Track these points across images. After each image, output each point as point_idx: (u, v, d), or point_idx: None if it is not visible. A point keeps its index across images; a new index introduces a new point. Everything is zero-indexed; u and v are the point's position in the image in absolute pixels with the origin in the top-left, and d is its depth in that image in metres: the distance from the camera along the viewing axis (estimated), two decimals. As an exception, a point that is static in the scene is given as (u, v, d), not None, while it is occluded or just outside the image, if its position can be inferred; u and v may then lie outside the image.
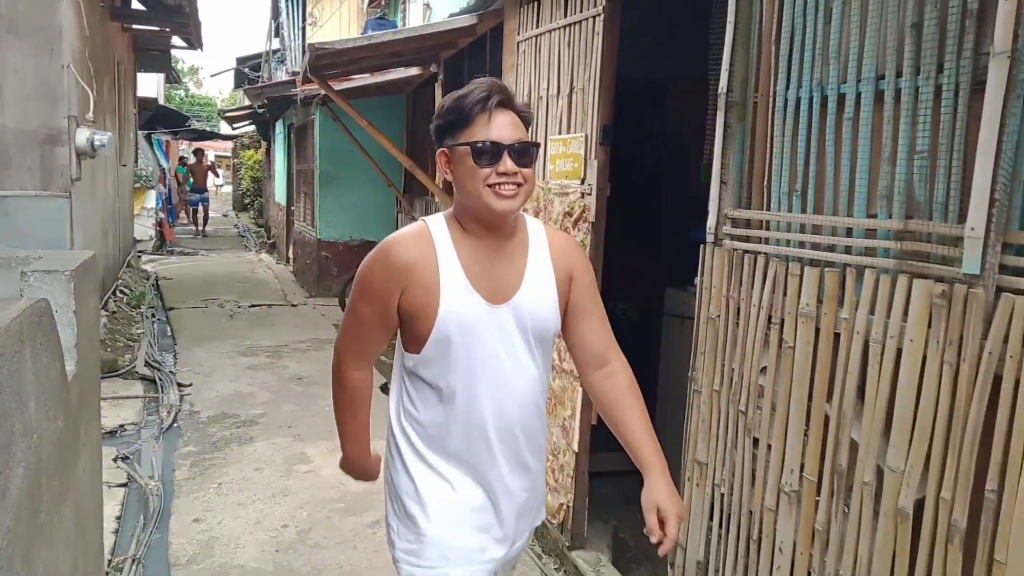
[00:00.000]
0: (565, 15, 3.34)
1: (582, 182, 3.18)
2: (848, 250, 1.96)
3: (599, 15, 3.04)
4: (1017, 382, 1.53)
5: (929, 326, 1.71)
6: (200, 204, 17.60)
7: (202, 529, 3.55)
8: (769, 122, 2.25)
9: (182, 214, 19.69)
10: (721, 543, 2.46)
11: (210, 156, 20.18)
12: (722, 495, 2.45)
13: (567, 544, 3.30)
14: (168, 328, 7.82)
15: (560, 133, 3.40)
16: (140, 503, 3.81)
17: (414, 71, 6.37)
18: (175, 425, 4.97)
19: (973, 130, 1.64)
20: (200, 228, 17.38)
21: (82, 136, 5.20)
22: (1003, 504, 1.55)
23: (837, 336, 1.98)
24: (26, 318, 1.46)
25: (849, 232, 1.96)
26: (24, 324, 1.44)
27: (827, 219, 2.02)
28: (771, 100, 2.23)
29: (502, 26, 4.22)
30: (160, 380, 5.80)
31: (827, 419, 2.02)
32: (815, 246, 2.07)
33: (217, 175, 20.73)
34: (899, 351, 1.79)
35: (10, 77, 4.99)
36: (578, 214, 3.21)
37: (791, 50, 2.15)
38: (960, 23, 1.67)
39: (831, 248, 2.01)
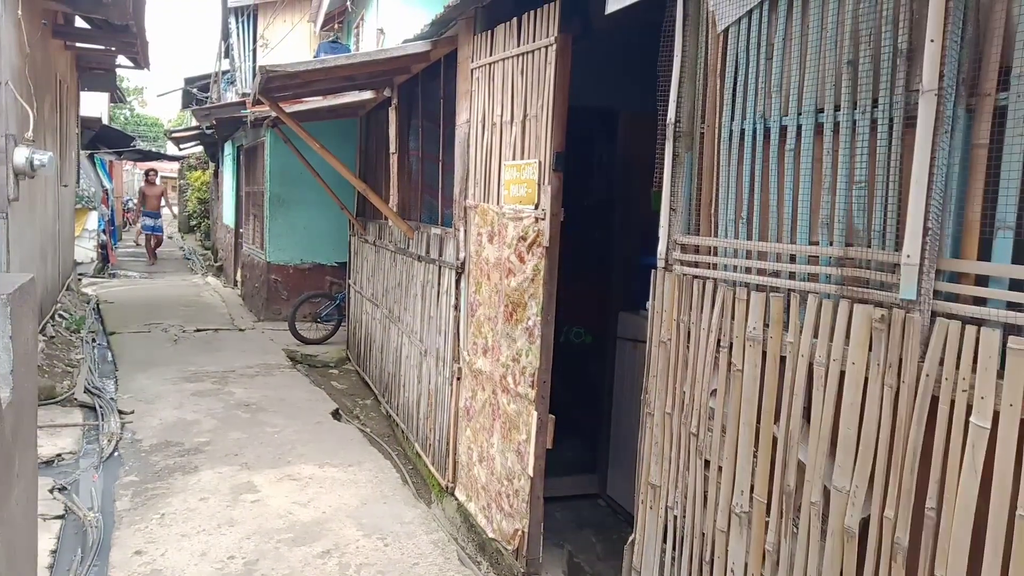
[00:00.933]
0: (518, 44, 3.39)
1: (536, 207, 3.21)
2: (792, 276, 2.02)
3: (551, 45, 3.10)
4: (952, 403, 1.59)
5: (870, 349, 1.78)
6: (153, 232, 16.34)
7: (144, 562, 3.42)
8: (716, 152, 2.32)
9: (125, 237, 19.08)
10: (675, 565, 2.48)
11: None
12: (675, 517, 2.48)
13: (522, 570, 3.28)
14: (109, 353, 7.56)
15: (514, 159, 3.44)
16: (78, 536, 3.65)
17: (368, 95, 6.36)
18: (116, 454, 4.79)
19: (907, 162, 1.72)
20: (151, 257, 16.24)
21: (20, 155, 5.04)
22: (942, 521, 1.61)
23: (783, 359, 2.03)
24: (-40, 345, 1.40)
25: (792, 258, 2.03)
26: (-42, 351, 1.38)
27: (771, 246, 2.09)
28: (717, 131, 2.31)
29: (456, 53, 4.26)
30: (100, 407, 5.59)
31: (775, 440, 2.07)
32: (761, 272, 2.13)
33: (167, 199, 19.23)
34: (842, 374, 1.85)
35: (-55, 94, 4.82)
36: (532, 239, 3.24)
37: (735, 83, 2.23)
38: (892, 61, 1.76)
39: (776, 274, 2.07)
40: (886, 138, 1.78)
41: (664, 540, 2.53)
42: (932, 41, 1.62)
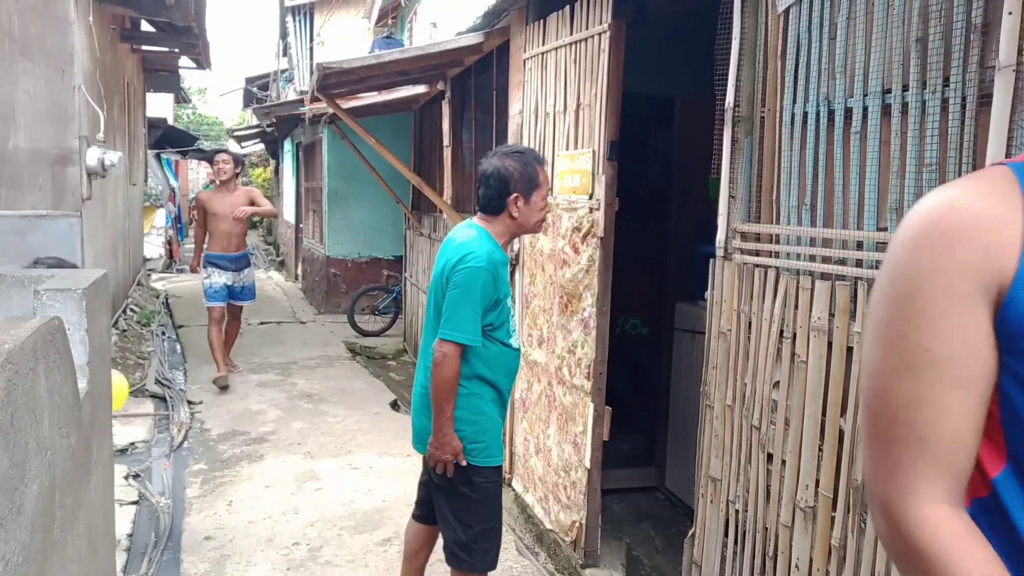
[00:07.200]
0: (571, 32, 3.36)
1: (590, 197, 3.19)
2: (859, 263, 1.95)
3: (605, 32, 3.06)
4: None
5: (942, 339, 1.70)
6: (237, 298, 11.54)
7: (213, 547, 3.54)
8: (777, 136, 2.25)
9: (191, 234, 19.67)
10: (736, 560, 2.43)
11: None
12: (737, 511, 2.43)
13: (580, 562, 3.28)
14: (178, 346, 7.84)
15: (567, 149, 3.42)
16: (151, 521, 3.80)
17: (421, 89, 6.42)
18: (186, 443, 4.98)
19: (982, 142, 1.64)
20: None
21: (93, 156, 5.25)
22: None
23: (851, 350, 1.97)
24: (40, 336, 1.47)
25: (860, 245, 1.96)
26: (38, 342, 1.45)
27: (837, 232, 2.02)
28: (778, 114, 2.24)
29: (508, 44, 4.25)
30: (170, 398, 5.81)
31: (842, 434, 2.01)
32: (826, 259, 2.06)
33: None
34: (912, 364, 1.78)
35: (22, 99, 5.06)
36: (587, 229, 3.21)
37: (797, 65, 2.16)
38: (965, 37, 1.67)
39: (842, 261, 2.00)
40: (959, 118, 1.70)
41: (725, 534, 2.49)
42: (1010, 14, 1.54)
